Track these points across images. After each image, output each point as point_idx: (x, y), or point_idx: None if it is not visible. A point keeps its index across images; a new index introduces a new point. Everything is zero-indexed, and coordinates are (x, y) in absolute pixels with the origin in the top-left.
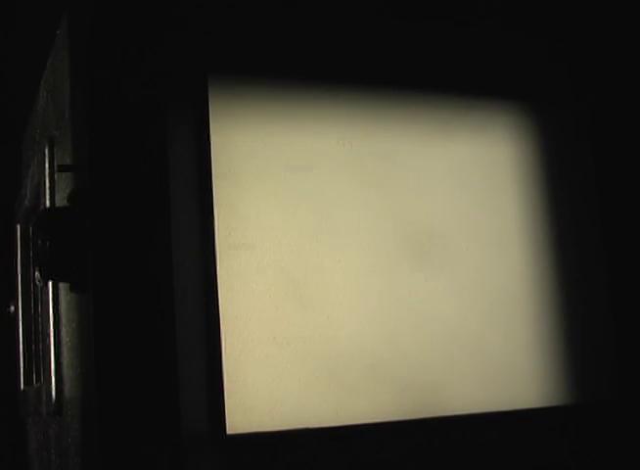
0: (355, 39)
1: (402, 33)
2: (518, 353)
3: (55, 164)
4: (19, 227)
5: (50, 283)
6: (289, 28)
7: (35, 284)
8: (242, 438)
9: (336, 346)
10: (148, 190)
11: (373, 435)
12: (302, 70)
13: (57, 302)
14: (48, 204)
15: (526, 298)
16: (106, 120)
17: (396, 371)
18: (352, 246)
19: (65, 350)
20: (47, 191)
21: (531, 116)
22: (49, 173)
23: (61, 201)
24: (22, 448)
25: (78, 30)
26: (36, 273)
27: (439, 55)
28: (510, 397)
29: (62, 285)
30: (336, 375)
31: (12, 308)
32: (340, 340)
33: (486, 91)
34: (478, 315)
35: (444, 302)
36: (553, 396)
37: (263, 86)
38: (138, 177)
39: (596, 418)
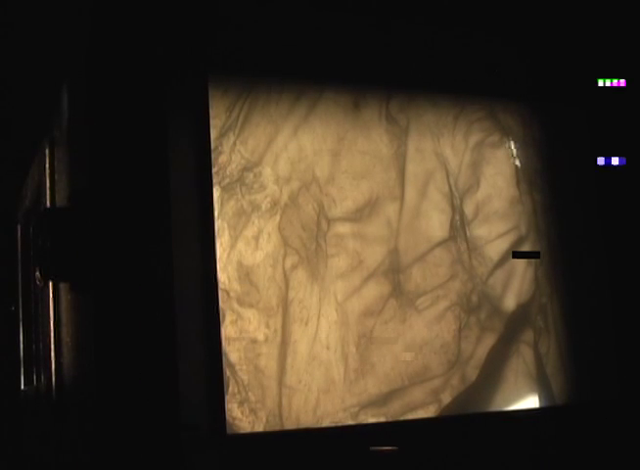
0: (355, 40)
1: (402, 35)
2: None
3: (55, 164)
4: (19, 227)
5: (50, 283)
6: (289, 29)
7: (35, 284)
8: (242, 438)
9: None
10: (148, 190)
11: (373, 434)
12: (303, 70)
13: (57, 302)
14: (48, 204)
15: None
16: (106, 122)
17: None
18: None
19: (65, 350)
20: (47, 191)
21: (531, 116)
22: (49, 173)
23: (61, 201)
24: (23, 448)
25: (78, 30)
26: (36, 273)
27: (441, 56)
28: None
29: (62, 285)
30: None
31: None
32: None
33: (486, 91)
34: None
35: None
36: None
37: (263, 86)
38: (138, 177)
39: (596, 418)
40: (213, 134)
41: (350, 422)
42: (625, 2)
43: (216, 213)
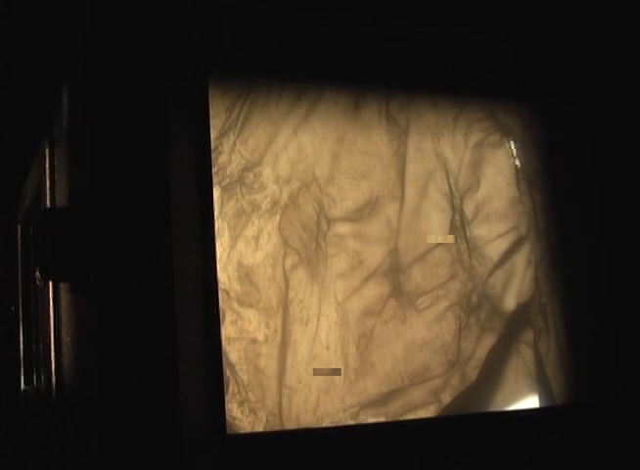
0: (355, 40)
1: (402, 35)
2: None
3: (55, 164)
4: (19, 227)
5: (50, 283)
6: (289, 29)
7: (35, 284)
8: (242, 438)
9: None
10: (148, 190)
11: (372, 434)
12: (303, 70)
13: (57, 302)
14: (48, 204)
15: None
16: (106, 122)
17: None
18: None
19: (65, 350)
20: (47, 191)
21: (531, 116)
22: (49, 173)
23: (61, 201)
24: (22, 448)
25: (77, 29)
26: (36, 273)
27: (441, 56)
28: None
29: (62, 285)
30: None
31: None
32: None
33: (486, 91)
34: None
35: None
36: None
37: (263, 86)
38: (138, 178)
39: (596, 418)
40: (213, 134)
41: (350, 422)
42: (625, 2)
43: (216, 213)
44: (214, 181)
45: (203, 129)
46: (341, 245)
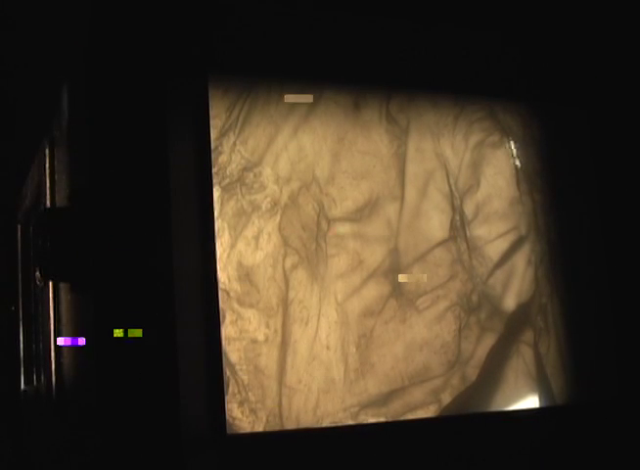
0: (355, 40)
1: (402, 35)
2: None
3: (55, 164)
4: (19, 227)
5: (50, 283)
6: (289, 29)
7: (35, 284)
8: (242, 438)
9: None
10: (148, 190)
11: (372, 434)
12: (303, 70)
13: (57, 302)
14: (48, 204)
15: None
16: (106, 121)
17: None
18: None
19: (65, 350)
20: (47, 191)
21: (531, 116)
22: (49, 173)
23: (61, 201)
24: (22, 448)
25: (77, 29)
26: (36, 273)
27: (441, 56)
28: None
29: (62, 285)
30: None
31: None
32: None
33: (486, 91)
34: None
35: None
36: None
37: (263, 86)
38: (138, 177)
39: (596, 418)
40: (213, 134)
41: (350, 422)
42: (625, 2)
43: (216, 213)
44: (214, 181)
45: (203, 129)
46: (341, 245)
